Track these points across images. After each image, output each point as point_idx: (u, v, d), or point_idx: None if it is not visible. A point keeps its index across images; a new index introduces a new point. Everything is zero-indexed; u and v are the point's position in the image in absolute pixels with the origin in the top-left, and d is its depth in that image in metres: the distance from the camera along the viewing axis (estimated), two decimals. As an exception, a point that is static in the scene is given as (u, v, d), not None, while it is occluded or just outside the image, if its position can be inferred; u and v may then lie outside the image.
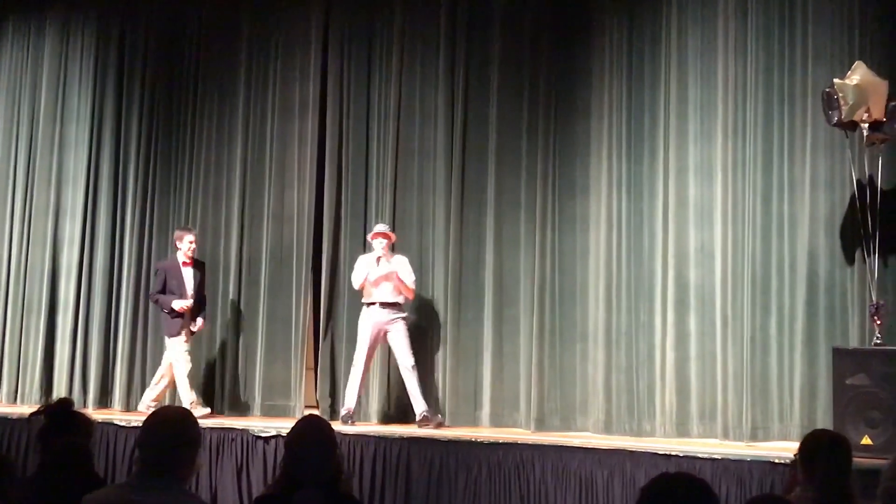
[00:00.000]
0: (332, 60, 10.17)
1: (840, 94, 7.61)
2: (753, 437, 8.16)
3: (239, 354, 10.13)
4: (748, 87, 8.61)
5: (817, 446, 4.45)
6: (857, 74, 7.61)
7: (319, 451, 4.33)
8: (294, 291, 10.05)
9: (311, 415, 4.66)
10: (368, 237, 9.33)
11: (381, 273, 9.13)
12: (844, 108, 7.59)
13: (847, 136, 7.74)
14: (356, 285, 9.25)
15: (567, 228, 9.31)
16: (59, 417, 5.07)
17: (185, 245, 9.55)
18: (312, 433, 4.42)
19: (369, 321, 9.13)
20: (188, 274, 9.57)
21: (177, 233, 9.74)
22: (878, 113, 7.54)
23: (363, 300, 9.20)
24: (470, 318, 9.51)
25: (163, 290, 9.53)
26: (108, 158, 10.70)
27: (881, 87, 7.57)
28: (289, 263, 10.11)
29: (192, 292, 9.54)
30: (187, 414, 4.00)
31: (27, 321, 10.71)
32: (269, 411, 9.85)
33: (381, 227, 9.22)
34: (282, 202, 10.21)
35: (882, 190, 7.84)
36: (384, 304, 9.12)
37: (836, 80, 7.69)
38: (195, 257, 9.68)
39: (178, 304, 9.39)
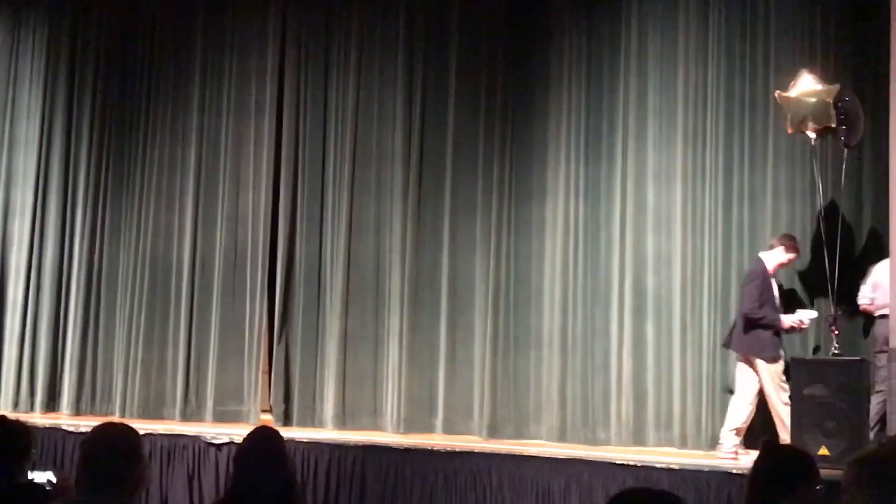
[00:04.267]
0: (289, 61, 10.03)
1: (783, 107, 7.66)
2: (712, 447, 8.12)
3: (191, 359, 9.93)
4: (709, 93, 8.62)
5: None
6: (798, 86, 7.65)
7: (268, 467, 4.26)
8: (248, 295, 9.89)
9: (262, 427, 4.56)
10: None
11: None
12: (788, 121, 7.64)
13: (813, 145, 7.75)
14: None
15: (523, 233, 9.26)
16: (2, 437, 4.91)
17: (783, 256, 7.95)
18: (262, 448, 4.35)
19: None
20: (774, 284, 8.08)
21: (781, 239, 8.02)
22: (826, 121, 7.55)
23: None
24: (425, 323, 9.41)
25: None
26: (59, 157, 10.46)
27: (826, 94, 7.56)
28: (243, 266, 9.95)
29: (780, 306, 8.07)
30: (130, 429, 3.91)
31: (-27, 322, 10.44)
32: (222, 417, 9.67)
33: None
34: (236, 203, 10.04)
35: (844, 200, 7.87)
36: None
37: (776, 93, 7.72)
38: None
39: (790, 320, 7.85)
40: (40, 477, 5.20)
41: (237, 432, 8.59)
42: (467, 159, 9.48)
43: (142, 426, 6.19)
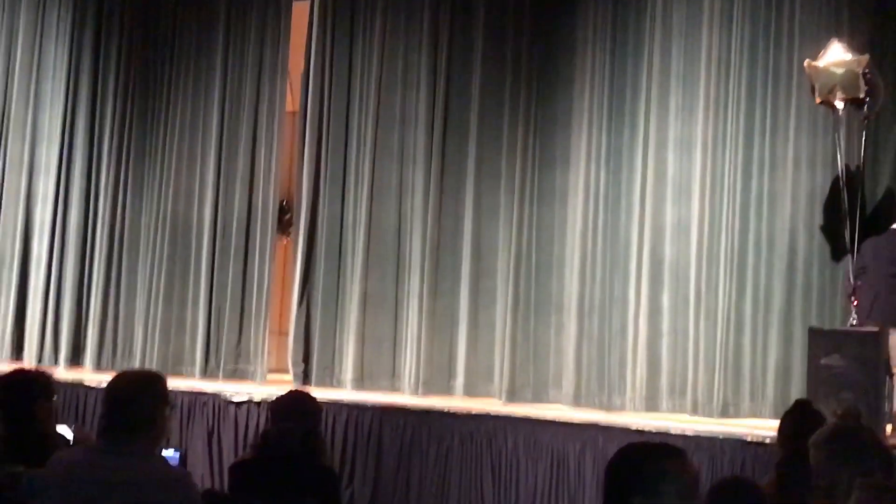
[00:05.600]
0: (314, 24, 10.03)
1: (811, 75, 7.62)
2: (724, 414, 8.16)
3: (211, 318, 10.03)
4: (732, 61, 8.57)
5: (785, 415, 4.44)
6: (827, 55, 7.62)
7: (304, 425, 4.35)
8: (258, 255, 10.00)
9: (297, 390, 4.67)
10: None
11: None
12: (816, 90, 7.60)
13: (832, 115, 7.73)
14: None
15: (545, 200, 9.26)
16: (16, 386, 5.00)
17: None
18: (299, 407, 4.44)
19: None
20: None
21: None
22: (855, 91, 7.52)
23: None
24: (446, 288, 9.46)
25: None
26: (84, 115, 10.52)
27: (856, 64, 7.53)
28: (255, 227, 10.05)
29: None
30: (154, 375, 3.96)
31: (-2, 277, 10.54)
32: (232, 375, 9.81)
33: None
34: (251, 165, 10.12)
35: (865, 170, 7.84)
36: None
37: (806, 63, 7.69)
38: None
39: None
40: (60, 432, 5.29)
41: (257, 391, 8.72)
42: (491, 126, 9.47)
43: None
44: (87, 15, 10.67)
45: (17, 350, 10.30)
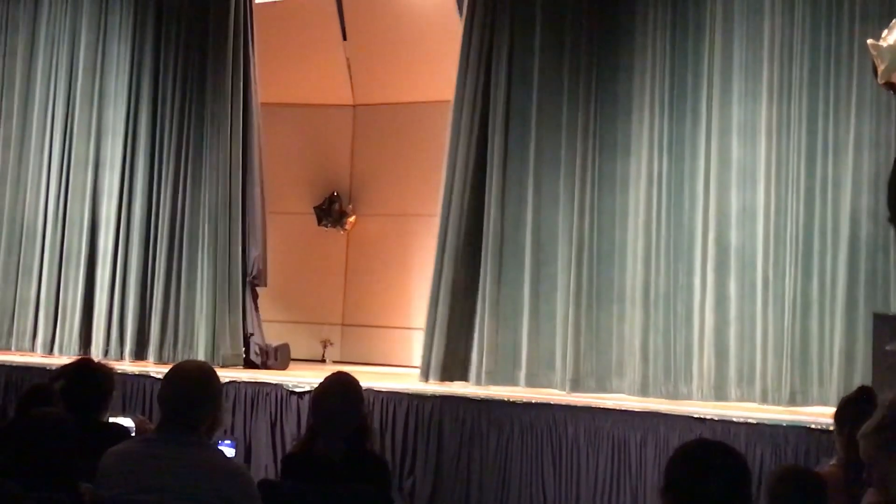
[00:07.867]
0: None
1: (875, 55, 7.50)
2: (792, 402, 8.07)
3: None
4: (794, 46, 8.45)
5: (846, 403, 4.39)
6: (892, 35, 7.48)
7: (344, 406, 4.37)
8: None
9: (338, 371, 4.67)
10: None
11: None
12: (880, 70, 7.47)
13: (894, 96, 7.60)
14: None
15: (607, 188, 9.18)
16: (79, 378, 5.08)
17: None
18: (338, 389, 4.46)
19: None
20: None
21: None
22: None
23: None
24: (509, 276, 9.39)
25: None
26: (146, 111, 10.62)
27: None
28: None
29: None
30: (207, 368, 4.00)
31: (66, 272, 10.64)
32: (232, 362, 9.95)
33: None
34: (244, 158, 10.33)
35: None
36: None
37: (869, 42, 7.57)
38: None
39: None
40: (120, 422, 5.37)
41: (318, 381, 8.75)
42: (552, 114, 9.40)
43: (225, 374, 6.31)
44: (148, 14, 10.76)
45: (85, 344, 10.44)
